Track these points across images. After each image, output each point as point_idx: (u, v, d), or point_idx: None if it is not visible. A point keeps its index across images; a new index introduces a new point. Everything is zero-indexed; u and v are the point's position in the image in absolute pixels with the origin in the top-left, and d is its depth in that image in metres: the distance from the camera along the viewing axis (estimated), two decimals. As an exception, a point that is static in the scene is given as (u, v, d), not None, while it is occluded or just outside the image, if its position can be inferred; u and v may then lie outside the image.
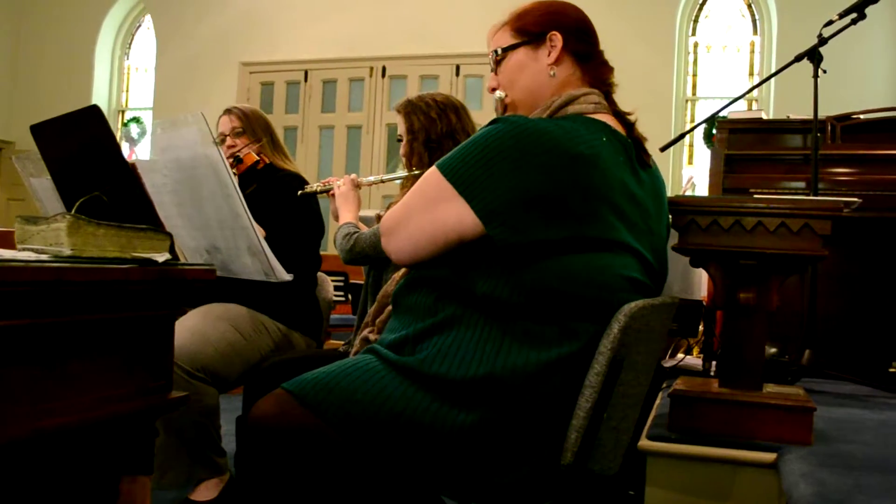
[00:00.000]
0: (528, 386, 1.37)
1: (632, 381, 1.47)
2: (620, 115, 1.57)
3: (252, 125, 2.78)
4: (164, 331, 1.52)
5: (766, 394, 1.71)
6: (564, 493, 1.44)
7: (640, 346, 1.46)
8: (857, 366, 2.56)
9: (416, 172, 2.37)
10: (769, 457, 1.61)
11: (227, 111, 2.83)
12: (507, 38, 1.63)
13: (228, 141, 2.77)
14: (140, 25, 9.07)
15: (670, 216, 1.68)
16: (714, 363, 2.33)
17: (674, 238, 1.71)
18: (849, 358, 2.62)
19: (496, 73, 1.66)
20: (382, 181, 2.62)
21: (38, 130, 1.87)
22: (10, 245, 1.58)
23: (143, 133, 8.60)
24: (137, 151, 8.56)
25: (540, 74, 1.59)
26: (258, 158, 2.70)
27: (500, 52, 1.63)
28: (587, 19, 1.64)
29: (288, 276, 2.24)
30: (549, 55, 1.58)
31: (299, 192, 2.58)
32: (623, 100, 1.64)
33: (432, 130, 2.38)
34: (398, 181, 2.50)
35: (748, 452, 1.64)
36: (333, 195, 2.51)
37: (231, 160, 2.54)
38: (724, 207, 1.67)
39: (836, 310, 2.73)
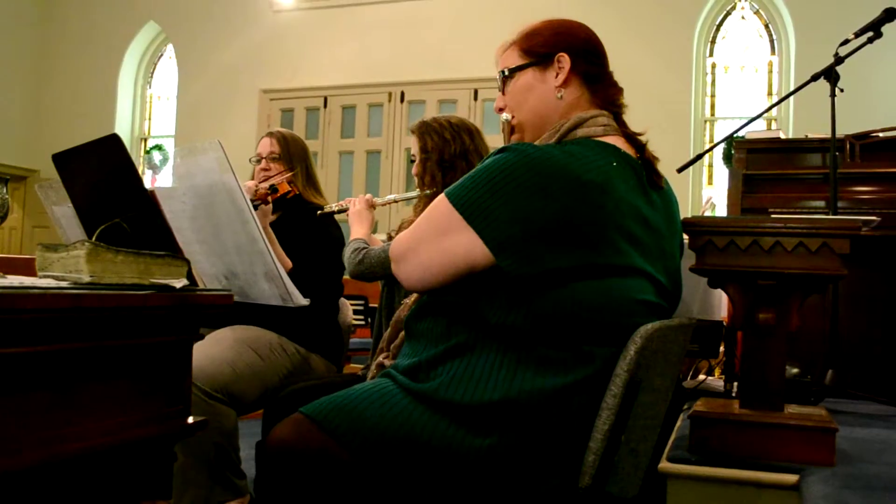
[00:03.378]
0: (544, 409, 1.36)
1: (650, 403, 1.46)
2: (631, 137, 1.56)
3: (290, 152, 2.82)
4: (182, 356, 1.52)
5: (787, 415, 1.69)
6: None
7: (658, 367, 1.45)
8: (882, 386, 2.52)
9: (429, 192, 2.39)
10: (791, 478, 1.59)
11: (270, 134, 2.89)
12: (515, 59, 1.63)
13: (263, 163, 2.82)
14: (162, 55, 9.22)
15: (687, 237, 1.67)
16: (735, 384, 2.31)
17: (691, 259, 1.70)
18: (873, 378, 2.58)
19: (503, 94, 1.65)
20: (396, 201, 2.67)
21: (60, 159, 1.90)
22: (32, 272, 1.60)
23: (165, 160, 8.70)
24: (160, 179, 8.65)
25: (547, 96, 1.59)
26: (290, 189, 2.73)
27: (507, 72, 1.63)
28: (596, 39, 1.63)
29: (305, 301, 2.26)
30: (556, 77, 1.58)
31: (318, 213, 2.62)
32: (641, 121, 1.63)
33: (446, 151, 2.40)
34: (411, 201, 2.53)
35: (770, 474, 1.62)
36: (348, 214, 2.55)
37: (267, 189, 2.58)
38: (741, 227, 1.67)
39: (860, 329, 2.69)
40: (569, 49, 1.58)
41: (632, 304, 1.42)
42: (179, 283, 1.46)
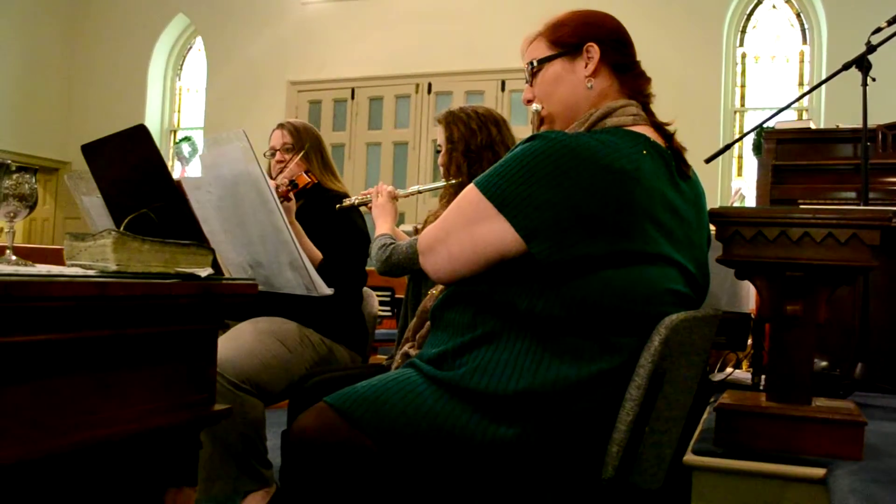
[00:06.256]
0: (568, 400, 1.35)
1: (674, 395, 1.45)
2: (659, 126, 1.56)
3: (303, 142, 2.81)
4: (207, 344, 1.54)
5: (814, 408, 1.67)
6: (606, 508, 1.42)
7: (683, 359, 1.44)
8: (913, 380, 2.48)
9: (454, 182, 2.38)
10: (818, 472, 1.57)
11: (280, 125, 2.88)
12: (543, 50, 1.62)
13: (278, 156, 2.82)
14: (191, 47, 9.29)
15: (714, 228, 1.66)
16: (763, 377, 2.29)
17: (718, 250, 1.68)
18: (904, 372, 2.54)
19: (531, 85, 1.64)
20: (420, 192, 2.64)
21: (89, 150, 1.92)
22: (62, 262, 1.62)
23: (194, 152, 8.76)
24: (189, 170, 8.72)
25: (577, 87, 1.58)
26: (309, 180, 2.73)
27: (535, 63, 1.62)
28: (623, 29, 1.62)
29: (329, 291, 2.26)
30: (585, 67, 1.57)
31: (337, 206, 2.61)
32: (671, 111, 1.62)
33: (472, 141, 2.38)
34: (436, 192, 2.51)
35: (797, 468, 1.60)
36: (370, 207, 2.54)
37: (287, 185, 2.56)
38: (769, 218, 1.64)
39: (890, 322, 2.65)
40: (597, 39, 1.57)
41: (661, 292, 1.41)
42: (204, 272, 1.47)
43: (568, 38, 1.59)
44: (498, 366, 1.38)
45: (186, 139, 8.90)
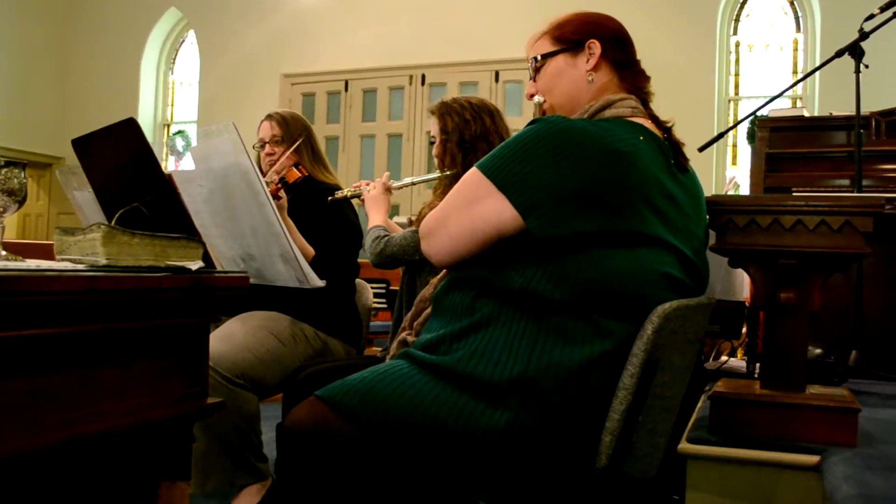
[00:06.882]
0: (561, 387, 1.36)
1: (668, 384, 1.45)
2: (657, 120, 1.59)
3: (292, 133, 2.78)
4: (198, 338, 1.53)
5: (808, 395, 1.67)
6: (600, 497, 1.42)
7: (676, 347, 1.44)
8: (907, 367, 2.49)
9: (448, 173, 2.37)
10: (812, 459, 1.57)
11: (269, 117, 2.84)
12: (547, 46, 1.67)
13: (268, 148, 2.79)
14: (184, 41, 9.26)
15: (708, 217, 1.66)
16: (758, 365, 2.29)
17: (711, 238, 1.68)
18: (898, 358, 2.55)
19: (535, 80, 1.69)
20: (413, 183, 2.63)
21: (79, 144, 1.91)
22: (53, 257, 1.61)
23: (187, 146, 8.76)
24: (183, 165, 8.71)
25: (579, 80, 1.62)
26: (299, 175, 2.70)
27: (539, 58, 1.67)
28: (624, 30, 1.67)
29: (321, 283, 2.26)
30: (587, 62, 1.62)
31: (329, 199, 2.60)
32: (665, 102, 1.65)
33: (466, 131, 2.38)
34: (431, 183, 2.51)
35: (791, 455, 1.60)
36: (364, 199, 2.52)
37: (277, 182, 2.54)
38: (761, 206, 1.64)
39: (885, 309, 2.65)
40: (599, 36, 1.62)
41: (654, 275, 1.42)
42: (195, 265, 1.46)
43: (570, 34, 1.64)
44: (495, 350, 1.39)
45: (180, 133, 8.88)
